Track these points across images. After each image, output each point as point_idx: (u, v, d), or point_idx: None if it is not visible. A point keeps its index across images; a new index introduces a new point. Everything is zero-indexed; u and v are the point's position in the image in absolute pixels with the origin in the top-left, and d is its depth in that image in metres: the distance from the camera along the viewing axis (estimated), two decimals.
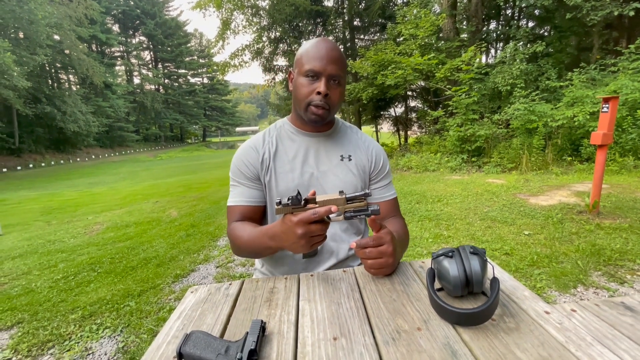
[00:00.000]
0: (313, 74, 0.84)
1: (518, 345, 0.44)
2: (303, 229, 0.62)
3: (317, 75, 0.84)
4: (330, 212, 0.61)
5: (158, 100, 42.12)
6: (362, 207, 0.62)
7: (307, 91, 0.86)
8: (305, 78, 0.86)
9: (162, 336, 0.54)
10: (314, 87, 0.85)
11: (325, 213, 0.61)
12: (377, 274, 0.68)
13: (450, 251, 0.55)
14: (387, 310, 0.55)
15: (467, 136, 6.78)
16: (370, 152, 0.99)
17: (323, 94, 0.84)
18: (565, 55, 8.78)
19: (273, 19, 10.71)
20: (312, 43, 0.88)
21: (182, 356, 0.45)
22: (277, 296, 0.63)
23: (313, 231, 0.63)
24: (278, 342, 0.49)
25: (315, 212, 0.61)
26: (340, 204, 0.62)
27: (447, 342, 0.46)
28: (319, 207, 0.61)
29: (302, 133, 0.96)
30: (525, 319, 0.50)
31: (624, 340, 0.44)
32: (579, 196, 3.99)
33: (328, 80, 0.85)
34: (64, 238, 4.56)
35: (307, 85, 0.85)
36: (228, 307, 0.60)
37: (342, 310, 0.56)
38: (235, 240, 0.85)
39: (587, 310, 0.51)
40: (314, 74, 0.84)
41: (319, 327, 0.52)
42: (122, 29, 41.70)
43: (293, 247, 0.66)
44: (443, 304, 0.50)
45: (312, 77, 0.85)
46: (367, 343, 0.47)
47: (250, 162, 0.93)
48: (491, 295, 0.50)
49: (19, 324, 2.27)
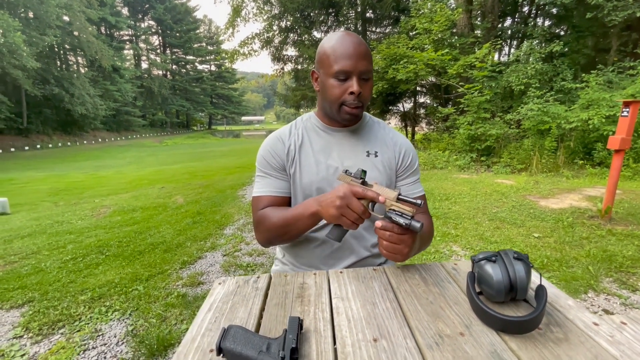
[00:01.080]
0: (344, 75, 0.82)
1: (570, 357, 0.43)
2: (344, 193, 0.65)
3: (348, 75, 0.82)
4: (378, 201, 0.62)
5: (165, 86, 42.09)
6: (406, 213, 0.60)
7: (339, 92, 0.83)
8: (335, 80, 0.83)
9: (196, 328, 0.53)
10: (345, 88, 0.82)
11: (372, 196, 0.63)
12: (389, 257, 0.68)
13: (492, 255, 0.54)
14: (425, 313, 0.54)
15: (477, 135, 6.70)
16: (397, 148, 0.97)
17: (357, 93, 0.82)
18: (581, 56, 8.59)
19: (284, 7, 10.57)
20: (337, 40, 0.84)
21: (222, 351, 0.44)
22: (308, 292, 0.62)
23: (352, 205, 0.65)
24: (317, 341, 0.48)
25: (364, 192, 0.64)
26: (391, 198, 0.62)
27: (494, 350, 0.45)
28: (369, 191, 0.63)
29: (329, 128, 0.94)
30: (573, 330, 0.48)
31: None
32: (591, 201, 3.94)
33: (359, 78, 0.82)
34: (72, 219, 4.60)
35: (339, 87, 0.83)
36: (259, 301, 0.59)
37: (378, 310, 0.55)
38: (267, 220, 0.85)
39: (636, 322, 0.49)
40: (345, 75, 0.82)
41: (357, 327, 0.51)
42: (131, 13, 41.49)
43: (327, 206, 0.69)
44: (488, 310, 0.48)
45: (343, 79, 0.82)
46: (410, 346, 0.46)
47: (277, 152, 0.92)
48: (539, 303, 0.48)
49: (30, 303, 2.30)
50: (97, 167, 14.33)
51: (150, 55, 44.19)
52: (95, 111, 26.19)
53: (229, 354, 0.44)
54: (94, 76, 28.35)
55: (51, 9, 20.39)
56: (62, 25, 23.36)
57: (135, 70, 38.44)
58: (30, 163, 16.43)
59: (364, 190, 0.64)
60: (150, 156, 19.15)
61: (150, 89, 39.65)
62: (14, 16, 18.65)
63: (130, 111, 34.41)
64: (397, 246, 0.66)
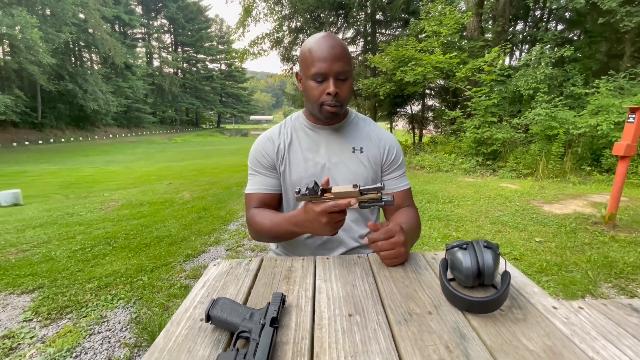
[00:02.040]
0: (320, 77, 0.86)
1: (524, 334, 0.47)
2: (327, 218, 0.68)
3: (324, 76, 0.86)
4: (349, 206, 0.66)
5: (176, 83, 42.64)
6: (376, 199, 0.65)
7: (318, 93, 0.88)
8: (314, 81, 0.87)
9: (189, 301, 0.58)
10: (323, 89, 0.87)
11: (345, 206, 0.66)
12: (392, 264, 0.71)
13: (464, 243, 0.58)
14: (399, 294, 0.58)
15: (483, 139, 6.67)
16: (382, 144, 1.01)
17: (333, 94, 0.86)
18: (593, 61, 8.48)
19: (295, 8, 10.64)
20: (314, 43, 0.88)
21: (210, 318, 0.49)
22: (295, 274, 0.66)
23: (335, 218, 0.69)
24: (297, 314, 0.53)
25: (336, 205, 0.66)
26: (355, 195, 0.66)
27: (456, 326, 0.49)
28: (340, 200, 0.66)
29: (315, 126, 0.99)
30: (533, 312, 0.52)
31: (628, 338, 0.46)
32: (596, 207, 3.90)
33: (336, 78, 0.86)
34: (82, 212, 4.72)
35: (317, 88, 0.88)
36: (249, 280, 0.65)
37: (356, 291, 0.59)
38: (255, 225, 0.90)
39: (594, 308, 0.53)
40: (321, 77, 0.86)
41: (335, 304, 0.55)
42: (144, 11, 42.15)
43: (319, 233, 0.72)
44: (455, 292, 0.52)
45: (320, 81, 0.87)
46: (380, 321, 0.51)
47: (267, 152, 0.97)
48: (502, 286, 0.52)
49: (40, 289, 2.39)
50: (107, 162, 14.62)
51: (162, 53, 44.83)
52: (107, 107, 26.70)
53: (216, 321, 0.49)
54: (106, 73, 28.90)
55: (68, 6, 20.86)
56: (78, 22, 23.88)
57: (147, 67, 39.04)
58: (43, 156, 16.83)
59: (335, 204, 0.66)
60: (159, 153, 19.44)
61: (161, 86, 40.22)
62: (31, 13, 19.14)
63: (141, 108, 34.95)
64: (392, 251, 0.70)
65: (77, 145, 23.02)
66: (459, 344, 0.45)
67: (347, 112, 1.03)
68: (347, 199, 0.65)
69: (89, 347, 1.77)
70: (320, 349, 0.45)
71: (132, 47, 36.56)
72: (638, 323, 0.49)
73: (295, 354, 0.44)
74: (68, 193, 7.07)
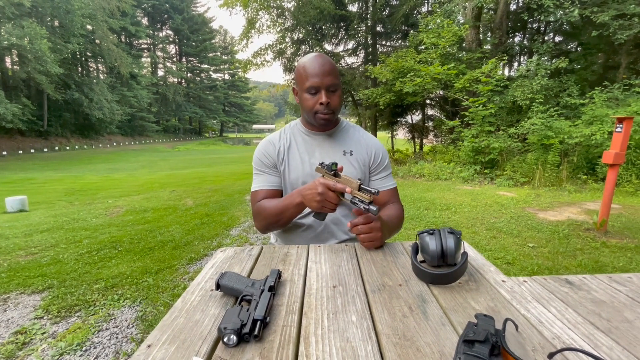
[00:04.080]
0: (314, 90, 1.01)
1: (473, 299, 0.58)
2: (322, 189, 0.81)
3: (317, 89, 1.00)
4: (345, 191, 0.80)
5: (180, 93, 43.26)
6: (365, 200, 0.77)
7: (312, 104, 1.02)
8: (308, 94, 1.02)
9: (200, 277, 0.69)
10: (316, 100, 1.01)
11: (341, 189, 0.80)
12: (370, 246, 0.83)
13: (432, 230, 0.69)
14: (377, 272, 0.69)
15: (481, 148, 6.79)
16: (369, 148, 1.14)
17: (325, 104, 1.00)
18: (590, 72, 8.65)
19: (297, 20, 10.94)
20: (307, 60, 1.03)
21: (219, 286, 0.61)
22: (290, 258, 0.78)
23: (328, 196, 0.82)
24: (290, 286, 0.64)
25: (335, 185, 0.80)
26: (354, 187, 0.79)
27: (420, 294, 0.60)
28: (339, 184, 0.81)
29: (311, 132, 1.13)
30: (484, 284, 0.63)
31: (556, 301, 0.56)
32: (589, 214, 3.99)
33: (327, 90, 1.01)
34: (87, 217, 4.84)
35: (311, 99, 1.02)
36: (251, 262, 0.76)
37: (341, 270, 0.70)
38: (263, 210, 1.02)
39: (535, 282, 0.63)
40: (315, 89, 1.01)
41: (323, 279, 0.66)
42: (150, 22, 43.07)
43: (310, 200, 0.85)
44: (420, 266, 0.63)
45: (314, 93, 1.01)
46: (359, 291, 0.62)
47: (269, 153, 1.11)
48: (459, 262, 0.63)
49: (49, 289, 2.49)
50: (111, 169, 14.80)
51: (167, 63, 45.63)
52: (112, 116, 27.10)
53: (224, 288, 0.60)
54: (112, 82, 29.42)
55: (76, 18, 21.43)
56: (86, 33, 24.45)
57: (152, 77, 39.71)
58: (48, 164, 17.06)
59: (334, 184, 0.80)
60: (163, 161, 19.64)
61: (165, 95, 40.82)
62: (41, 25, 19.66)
63: (145, 117, 35.43)
64: (370, 234, 0.82)
65: (82, 153, 23.31)
66: (420, 305, 0.56)
67: (338, 120, 1.17)
68: (346, 185, 0.79)
69: (98, 342, 1.86)
70: (308, 308, 0.56)
71: (138, 57, 37.28)
72: (568, 292, 0.59)
73: (288, 312, 0.55)
74: (73, 200, 7.21)
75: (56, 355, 1.75)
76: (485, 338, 0.43)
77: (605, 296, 0.58)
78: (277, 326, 0.52)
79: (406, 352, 0.45)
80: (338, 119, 1.16)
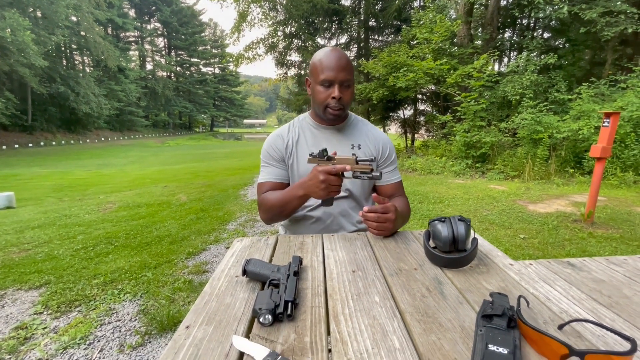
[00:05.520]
0: (327, 83, 1.02)
1: (485, 280, 0.62)
2: (324, 177, 0.84)
3: (331, 83, 1.02)
4: (345, 170, 0.83)
5: (169, 87, 42.49)
6: (366, 170, 0.82)
7: (324, 97, 1.04)
8: (322, 87, 1.03)
9: (223, 265, 0.72)
10: (329, 93, 1.03)
11: (340, 169, 0.84)
12: (379, 234, 0.87)
13: (443, 218, 0.73)
14: (392, 257, 0.73)
15: (473, 142, 6.91)
16: (377, 142, 1.17)
17: (337, 98, 1.02)
18: (577, 68, 8.85)
19: (289, 14, 10.86)
20: (324, 54, 1.04)
21: (246, 272, 0.63)
22: (307, 247, 0.81)
23: (331, 181, 0.84)
24: (311, 272, 0.67)
25: (334, 168, 0.83)
26: (351, 163, 0.84)
27: (435, 277, 0.64)
28: (338, 165, 0.85)
29: (320, 126, 1.15)
30: (494, 267, 0.67)
31: (561, 281, 0.61)
32: (576, 206, 4.13)
33: (340, 85, 1.02)
34: (79, 213, 4.77)
35: (324, 92, 1.03)
36: (269, 251, 0.79)
37: (357, 256, 0.74)
38: (267, 201, 1.04)
39: (540, 265, 0.68)
40: (328, 83, 1.02)
41: (342, 265, 0.70)
42: (138, 14, 42.04)
43: (314, 191, 0.87)
44: (434, 252, 0.67)
45: (327, 86, 1.03)
46: (378, 275, 0.65)
47: (278, 147, 1.13)
48: (470, 248, 0.67)
49: (47, 285, 2.48)
50: (100, 165, 14.53)
51: (155, 57, 44.70)
52: (100, 110, 26.50)
53: (250, 274, 0.63)
54: (99, 76, 28.71)
55: (61, 9, 20.77)
56: (70, 25, 23.75)
57: (140, 71, 38.87)
58: (34, 160, 16.63)
59: (333, 167, 0.84)
60: (153, 156, 19.37)
61: (154, 89, 40.05)
62: (24, 15, 19.00)
63: (134, 111, 34.74)
64: (384, 224, 0.85)
65: (69, 148, 22.78)
66: (437, 287, 0.60)
67: (347, 114, 1.18)
68: (344, 164, 0.83)
69: (101, 336, 1.87)
70: (332, 291, 0.60)
71: (125, 50, 36.41)
72: (571, 272, 0.64)
73: (314, 295, 0.59)
74: (62, 196, 7.08)
75: (60, 349, 1.75)
76: (502, 312, 0.47)
77: (605, 276, 0.63)
78: (306, 307, 0.55)
79: (430, 327, 0.49)
80: (347, 114, 1.18)
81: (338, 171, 0.83)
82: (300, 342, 0.46)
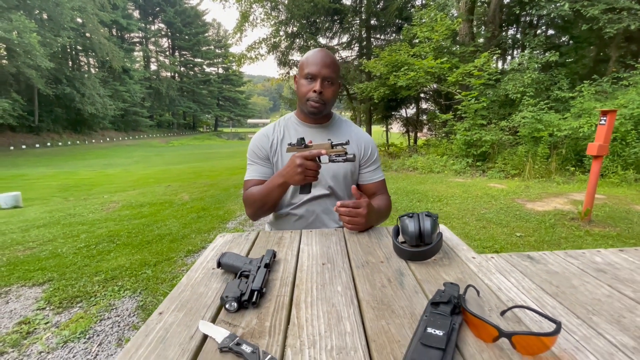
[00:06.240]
0: (310, 76, 1.07)
1: (445, 272, 0.66)
2: (300, 161, 0.88)
3: (313, 77, 1.06)
4: (321, 154, 0.88)
5: (173, 87, 42.79)
6: (341, 153, 0.87)
7: (306, 90, 1.08)
8: (305, 80, 1.08)
9: (202, 258, 0.76)
10: (311, 87, 1.07)
11: (317, 154, 0.89)
12: (352, 229, 0.90)
13: (411, 214, 0.77)
14: (362, 251, 0.77)
15: (473, 140, 6.90)
16: (360, 142, 1.20)
17: (317, 92, 1.06)
18: (580, 66, 8.77)
19: (291, 14, 10.89)
20: (312, 52, 1.10)
21: (220, 264, 0.68)
22: (284, 242, 0.85)
23: (308, 165, 0.89)
24: (284, 264, 0.72)
25: (310, 153, 0.88)
26: (327, 148, 0.89)
27: (398, 269, 0.68)
28: (314, 150, 0.90)
29: (304, 124, 1.18)
30: (456, 260, 0.71)
31: (517, 273, 0.65)
32: (575, 204, 4.12)
33: (322, 81, 1.06)
34: (83, 213, 4.86)
35: (306, 85, 1.08)
36: (248, 245, 0.83)
37: (330, 250, 0.78)
38: (251, 196, 1.09)
39: (501, 258, 0.72)
40: (311, 77, 1.06)
41: (313, 258, 0.74)
42: (142, 15, 42.36)
43: (292, 176, 0.91)
44: (398, 245, 0.71)
45: (310, 79, 1.07)
46: (345, 267, 0.69)
47: (263, 145, 1.17)
48: (434, 241, 0.71)
49: (50, 282, 2.55)
50: (105, 165, 14.71)
51: (160, 57, 45.03)
52: (105, 111, 26.79)
53: (224, 266, 0.68)
54: (104, 77, 29.02)
55: (66, 11, 21.03)
56: (76, 27, 24.02)
57: (145, 71, 39.20)
58: (40, 160, 16.88)
59: (309, 152, 0.88)
60: (157, 156, 19.54)
61: (158, 90, 40.35)
62: (30, 18, 19.26)
63: (139, 112, 35.06)
64: (355, 219, 0.88)
65: (75, 148, 23.07)
66: (397, 278, 0.64)
67: (331, 114, 1.22)
68: (318, 149, 0.88)
69: (101, 330, 1.93)
70: (299, 282, 0.64)
71: (130, 51, 36.74)
72: (528, 265, 0.68)
73: (282, 285, 0.63)
74: (67, 196, 7.19)
75: (61, 342, 1.81)
76: (448, 300, 0.51)
77: (559, 268, 0.67)
78: (272, 296, 0.59)
79: (382, 313, 0.53)
80: (331, 113, 1.22)
81: (314, 156, 0.88)
82: (261, 327, 0.50)
